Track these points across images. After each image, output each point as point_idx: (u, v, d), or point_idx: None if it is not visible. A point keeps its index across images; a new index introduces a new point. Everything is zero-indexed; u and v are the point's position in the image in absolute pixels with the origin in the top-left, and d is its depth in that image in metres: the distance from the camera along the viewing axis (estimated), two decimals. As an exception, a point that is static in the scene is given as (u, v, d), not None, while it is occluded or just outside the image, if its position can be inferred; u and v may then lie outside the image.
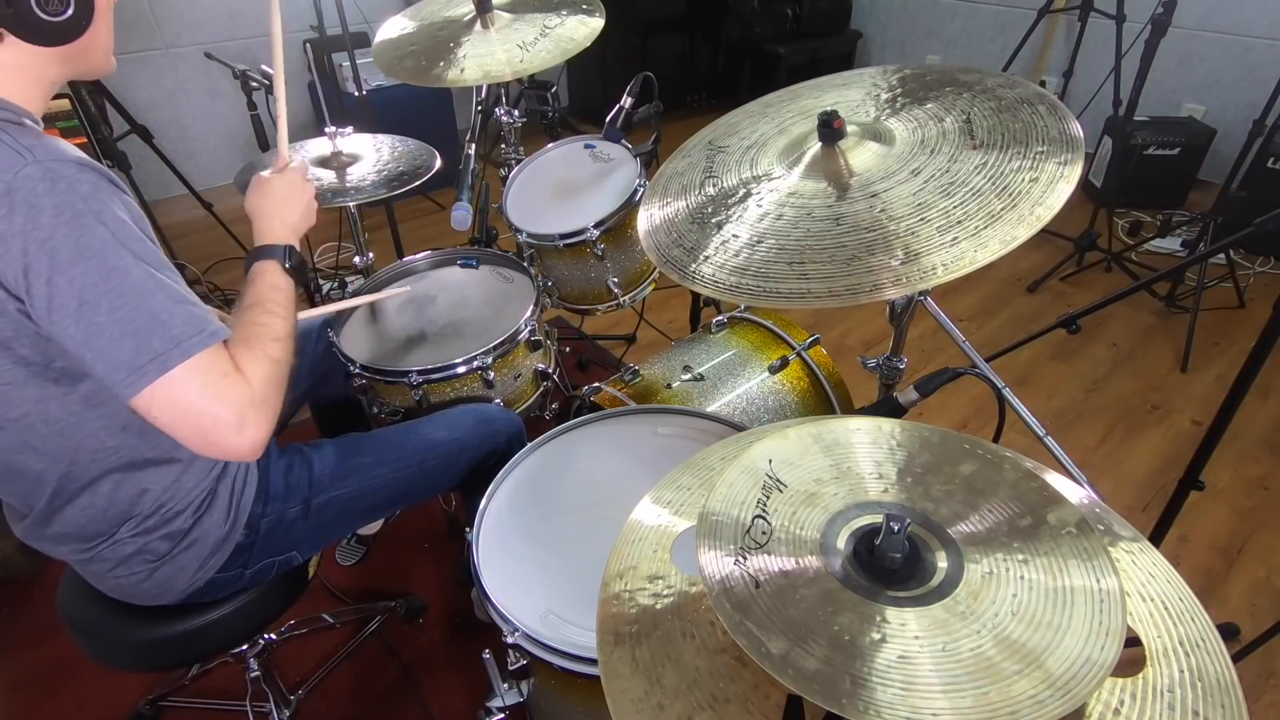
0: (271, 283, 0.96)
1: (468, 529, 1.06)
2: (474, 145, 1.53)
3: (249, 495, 1.05)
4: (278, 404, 0.86)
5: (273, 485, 1.09)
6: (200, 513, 0.99)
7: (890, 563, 0.58)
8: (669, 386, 1.46)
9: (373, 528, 1.87)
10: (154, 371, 0.75)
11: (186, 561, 0.99)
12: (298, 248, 1.03)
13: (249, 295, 0.95)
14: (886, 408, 1.06)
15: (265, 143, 2.30)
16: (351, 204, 1.69)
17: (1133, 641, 0.58)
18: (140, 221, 0.80)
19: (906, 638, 0.52)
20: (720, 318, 1.65)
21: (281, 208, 1.05)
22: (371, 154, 1.80)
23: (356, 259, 1.92)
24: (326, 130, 1.76)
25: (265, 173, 1.09)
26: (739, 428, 1.17)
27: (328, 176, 1.71)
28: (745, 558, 0.59)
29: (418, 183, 1.70)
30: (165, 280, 0.78)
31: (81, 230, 0.73)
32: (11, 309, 0.75)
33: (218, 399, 0.78)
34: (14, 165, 0.73)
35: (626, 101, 1.57)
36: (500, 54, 1.53)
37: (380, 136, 1.87)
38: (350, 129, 1.83)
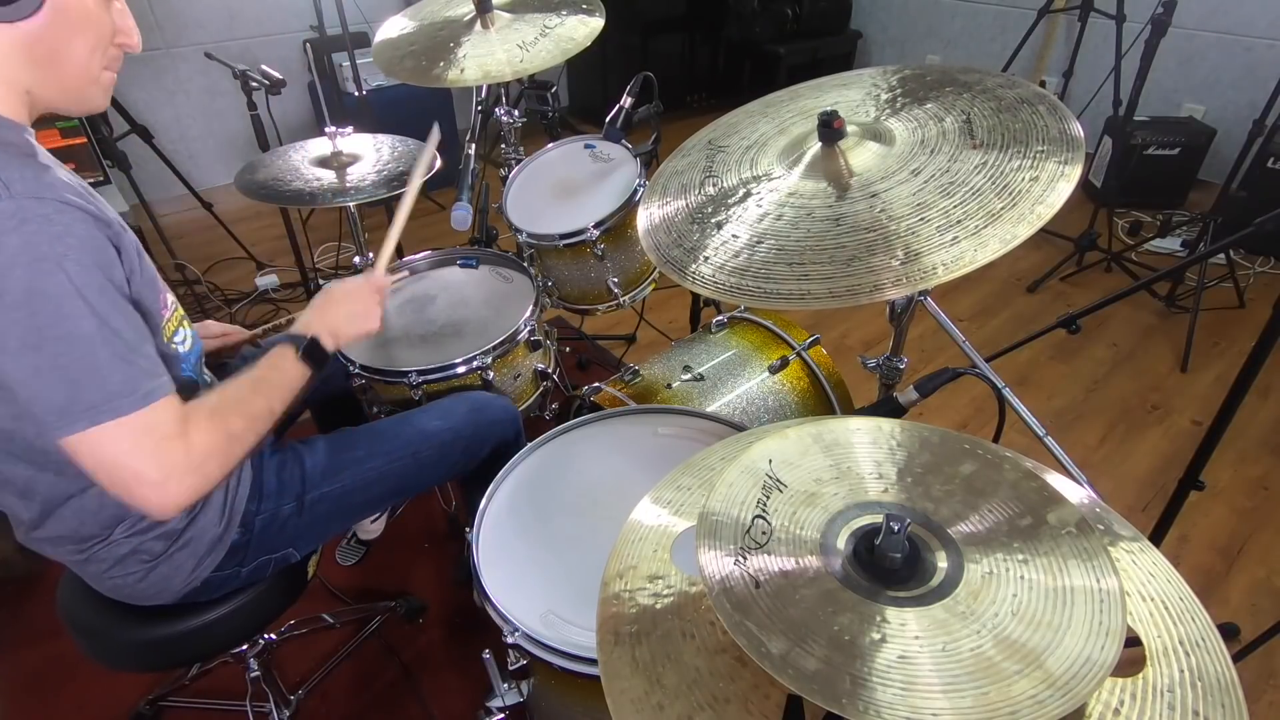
0: (275, 363, 0.98)
1: (468, 529, 1.06)
2: (474, 145, 1.53)
3: (243, 493, 1.05)
4: (217, 477, 0.85)
5: (266, 483, 1.08)
6: (194, 512, 0.99)
7: (890, 563, 0.58)
8: (669, 386, 1.46)
9: (374, 531, 1.86)
10: (84, 422, 0.75)
11: (182, 561, 0.99)
12: (330, 345, 1.05)
13: (252, 369, 0.96)
14: (886, 408, 1.06)
15: (265, 143, 2.30)
16: (351, 204, 1.69)
17: (1133, 641, 0.58)
18: (111, 269, 0.78)
19: (906, 638, 0.52)
20: (720, 318, 1.65)
21: (331, 307, 1.09)
22: (371, 154, 1.80)
23: (356, 259, 1.92)
24: (326, 130, 1.76)
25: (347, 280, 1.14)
26: (739, 428, 1.17)
27: (327, 176, 1.71)
28: (745, 558, 0.59)
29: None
30: (117, 333, 0.77)
31: (38, 273, 0.72)
32: None
33: (147, 457, 0.79)
34: None
35: (626, 101, 1.57)
36: (500, 54, 1.53)
37: (380, 136, 1.87)
38: (350, 129, 1.83)
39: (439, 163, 1.46)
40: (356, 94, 2.89)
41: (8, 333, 0.72)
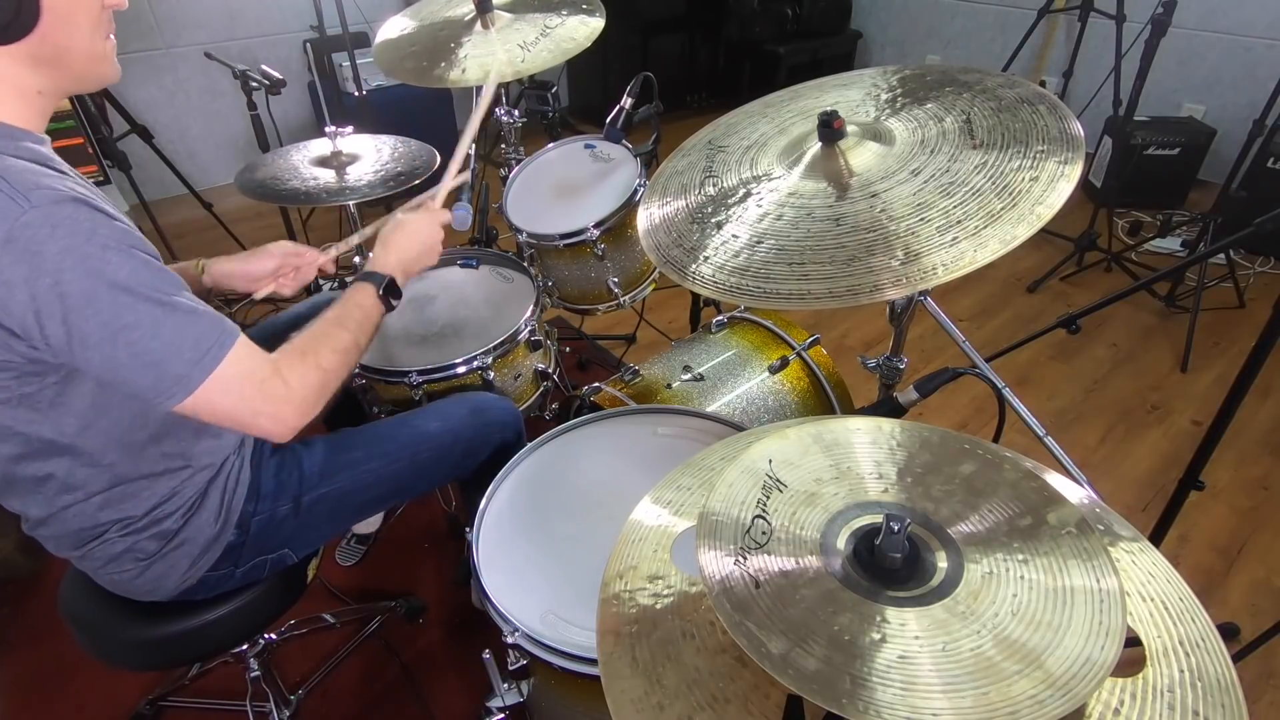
0: (358, 301, 1.05)
1: (468, 529, 1.06)
2: (474, 145, 1.53)
3: (240, 495, 1.05)
4: (317, 405, 0.93)
5: (264, 484, 1.08)
6: (190, 514, 0.99)
7: (890, 563, 0.57)
8: (669, 386, 1.46)
9: (370, 525, 1.86)
10: (180, 393, 0.81)
11: (177, 560, 0.99)
12: (401, 282, 1.12)
13: (333, 308, 1.02)
14: (886, 408, 1.06)
15: (265, 143, 2.30)
16: (351, 203, 1.69)
17: (1133, 641, 0.58)
18: (143, 245, 0.81)
19: (906, 638, 0.52)
20: (720, 318, 1.65)
21: (403, 241, 1.15)
22: (372, 154, 1.80)
23: (356, 259, 1.92)
24: (326, 130, 1.76)
25: (402, 212, 1.21)
26: (739, 428, 1.17)
27: (327, 176, 1.71)
28: (745, 558, 0.59)
29: (417, 181, 1.70)
30: (171, 301, 0.80)
31: (86, 273, 0.74)
32: (20, 347, 0.77)
33: (254, 400, 0.86)
34: (13, 213, 0.72)
35: (626, 101, 1.57)
36: (501, 54, 1.53)
37: (381, 137, 1.87)
38: (350, 128, 1.83)
39: (439, 163, 1.45)
40: (356, 94, 2.89)
41: (84, 331, 0.76)
